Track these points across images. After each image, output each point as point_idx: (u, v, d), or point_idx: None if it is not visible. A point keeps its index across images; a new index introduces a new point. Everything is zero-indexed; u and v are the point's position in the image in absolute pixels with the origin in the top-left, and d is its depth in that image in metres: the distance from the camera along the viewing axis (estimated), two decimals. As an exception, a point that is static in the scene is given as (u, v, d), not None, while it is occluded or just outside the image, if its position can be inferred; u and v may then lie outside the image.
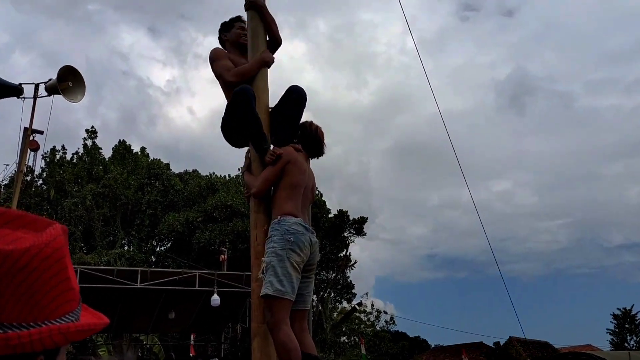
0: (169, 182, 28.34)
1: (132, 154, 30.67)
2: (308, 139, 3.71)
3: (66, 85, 8.10)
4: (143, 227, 27.13)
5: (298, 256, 3.24)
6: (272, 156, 3.43)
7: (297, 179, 3.46)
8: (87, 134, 29.98)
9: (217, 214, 24.22)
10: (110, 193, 26.38)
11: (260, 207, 3.51)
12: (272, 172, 3.43)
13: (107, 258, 22.61)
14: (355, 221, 25.30)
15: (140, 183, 28.28)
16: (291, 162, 3.46)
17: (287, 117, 3.71)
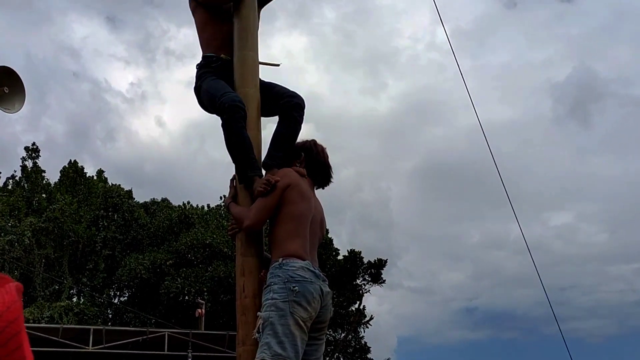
0: (131, 215, 28.39)
1: (85, 178, 30.82)
2: (314, 163, 3.76)
3: (1, 92, 8.14)
4: (97, 272, 27.08)
5: (304, 311, 3.23)
6: (265, 186, 3.43)
7: (301, 208, 3.46)
8: (27, 153, 30.16)
9: (193, 256, 24.20)
10: (56, 228, 26.40)
11: (249, 247, 3.50)
12: (269, 199, 3.44)
13: (50, 312, 22.51)
14: (371, 265, 25.22)
15: (94, 216, 28.33)
16: (292, 186, 3.47)
17: (282, 135, 3.77)
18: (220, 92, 3.66)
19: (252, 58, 3.90)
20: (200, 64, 4.00)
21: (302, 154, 3.76)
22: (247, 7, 3.97)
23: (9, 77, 8.37)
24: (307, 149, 3.79)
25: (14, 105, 8.30)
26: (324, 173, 3.80)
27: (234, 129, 3.56)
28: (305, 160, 3.75)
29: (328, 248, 24.66)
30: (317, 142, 3.85)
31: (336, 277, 24.08)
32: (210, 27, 4.03)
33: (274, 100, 3.85)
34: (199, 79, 3.93)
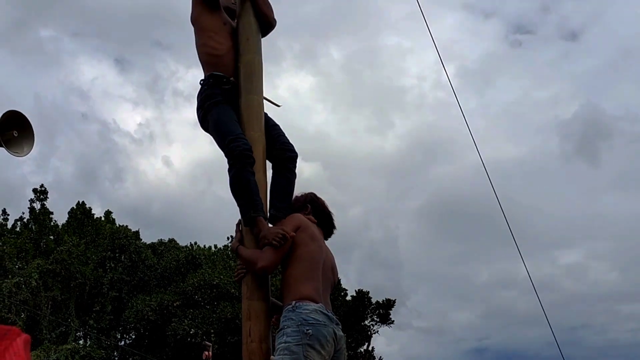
0: (138, 256, 28.33)
1: (92, 219, 30.85)
2: (320, 214, 3.84)
3: (10, 136, 8.21)
4: (104, 314, 26.93)
5: (318, 354, 3.22)
6: (281, 240, 3.41)
7: (312, 250, 3.47)
8: (35, 195, 30.28)
9: (200, 297, 24.06)
10: (63, 270, 26.35)
11: (255, 291, 3.49)
12: (282, 248, 3.46)
13: (56, 356, 22.35)
14: (379, 305, 25.04)
15: (101, 257, 28.29)
16: (302, 228, 3.50)
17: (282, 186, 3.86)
18: (231, 133, 3.68)
19: (258, 102, 3.94)
20: (209, 82, 3.95)
21: (309, 206, 3.84)
22: (252, 52, 4.02)
23: (18, 121, 8.46)
24: (311, 200, 3.88)
25: (23, 148, 8.36)
26: (329, 223, 3.88)
27: (240, 176, 3.60)
28: (312, 211, 3.83)
29: (336, 288, 24.50)
30: (317, 195, 3.94)
31: (344, 318, 23.88)
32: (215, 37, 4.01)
33: (269, 144, 3.91)
34: (210, 99, 3.89)
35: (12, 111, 8.45)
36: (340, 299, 24.61)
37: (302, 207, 3.83)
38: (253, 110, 3.90)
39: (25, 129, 8.36)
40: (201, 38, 4.07)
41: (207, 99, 3.91)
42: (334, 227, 3.90)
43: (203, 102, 3.94)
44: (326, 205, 3.92)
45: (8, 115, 8.36)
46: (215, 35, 4.02)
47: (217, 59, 3.98)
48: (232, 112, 3.84)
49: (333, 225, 3.90)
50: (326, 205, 3.92)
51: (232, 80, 3.95)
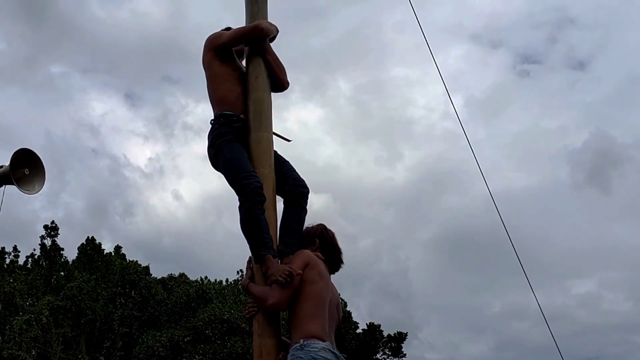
0: (148, 291, 28.28)
1: (102, 255, 30.87)
2: (328, 248, 3.82)
3: (21, 174, 8.27)
4: (114, 350, 26.79)
5: None
6: (287, 277, 3.40)
7: (319, 288, 3.47)
8: (46, 231, 30.37)
9: (210, 332, 23.92)
10: (74, 307, 26.31)
11: (266, 328, 3.49)
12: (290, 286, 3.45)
13: (66, 393, 22.17)
14: (391, 338, 24.82)
15: (111, 293, 28.25)
16: (311, 265, 3.50)
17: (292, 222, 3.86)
18: (243, 171, 3.73)
19: (267, 139, 3.98)
20: (220, 121, 4.01)
21: (317, 241, 3.82)
22: (260, 90, 4.07)
23: (29, 159, 8.53)
24: (320, 234, 3.85)
25: (34, 186, 8.42)
26: (337, 257, 3.86)
27: (251, 214, 3.62)
28: (320, 246, 3.81)
29: (347, 321, 24.31)
30: (326, 227, 3.92)
31: (355, 352, 23.67)
32: (225, 84, 4.10)
33: (280, 181, 3.94)
34: (220, 137, 3.94)
35: (24, 149, 8.52)
36: (351, 332, 24.41)
37: (311, 242, 3.81)
38: (263, 147, 3.93)
39: (37, 167, 8.42)
40: (211, 83, 4.15)
41: (218, 137, 3.95)
42: (342, 264, 3.89)
43: (214, 141, 3.97)
44: (335, 239, 3.90)
45: (19, 153, 8.43)
46: (225, 82, 4.11)
47: (227, 103, 4.05)
48: (242, 150, 3.88)
49: (340, 261, 3.88)
50: (335, 240, 3.90)
51: (242, 118, 4.00)
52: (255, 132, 3.97)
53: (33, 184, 8.41)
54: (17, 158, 8.36)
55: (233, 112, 4.01)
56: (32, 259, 29.90)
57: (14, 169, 8.26)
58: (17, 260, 29.59)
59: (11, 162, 8.30)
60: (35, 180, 8.44)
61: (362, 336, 24.68)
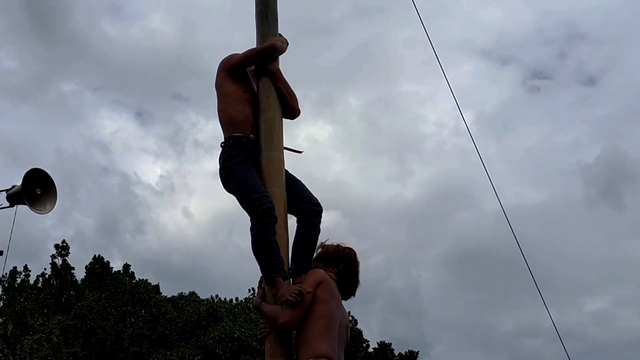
0: (158, 310, 28.23)
1: (111, 273, 30.88)
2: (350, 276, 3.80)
3: (33, 194, 8.34)
4: (125, 370, 26.74)
5: None
6: (297, 296, 3.40)
7: (331, 308, 3.45)
8: (57, 250, 30.45)
9: (221, 350, 23.85)
10: (84, 326, 26.31)
11: (278, 348, 3.48)
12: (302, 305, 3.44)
13: (77, 413, 22.11)
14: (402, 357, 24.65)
15: (121, 312, 28.23)
16: (324, 284, 3.48)
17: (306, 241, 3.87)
18: (255, 192, 3.73)
19: (278, 158, 3.99)
20: (230, 144, 4.02)
21: (342, 264, 3.79)
22: (272, 110, 4.09)
23: (41, 178, 8.61)
24: (348, 260, 3.82)
25: (46, 206, 8.49)
26: (353, 288, 3.85)
27: (263, 235, 3.62)
28: (342, 270, 3.78)
29: (357, 340, 24.18)
30: (356, 254, 3.89)
31: (367, 370, 23.53)
32: (235, 104, 4.10)
33: (293, 200, 3.94)
34: (231, 159, 3.95)
35: (35, 169, 8.60)
36: (362, 351, 24.26)
37: (336, 262, 3.78)
38: (274, 166, 3.94)
39: (48, 187, 8.50)
40: (221, 103, 4.17)
41: (229, 159, 3.96)
42: (353, 295, 3.88)
43: (225, 163, 3.99)
44: (359, 271, 3.88)
45: (31, 173, 8.51)
46: (234, 102, 4.11)
47: (236, 124, 4.06)
48: (254, 170, 3.90)
49: (353, 293, 3.87)
50: (359, 272, 3.88)
51: (252, 138, 4.01)
52: (266, 151, 3.98)
53: (45, 204, 8.48)
54: (29, 178, 8.44)
55: (243, 133, 4.01)
56: (42, 278, 29.97)
57: (26, 189, 8.33)
58: (28, 280, 29.66)
59: (23, 182, 8.38)
60: (47, 200, 8.51)
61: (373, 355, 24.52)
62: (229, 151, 4.00)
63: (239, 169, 3.90)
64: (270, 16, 4.34)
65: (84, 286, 29.64)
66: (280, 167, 3.99)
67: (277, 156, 3.99)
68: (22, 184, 8.36)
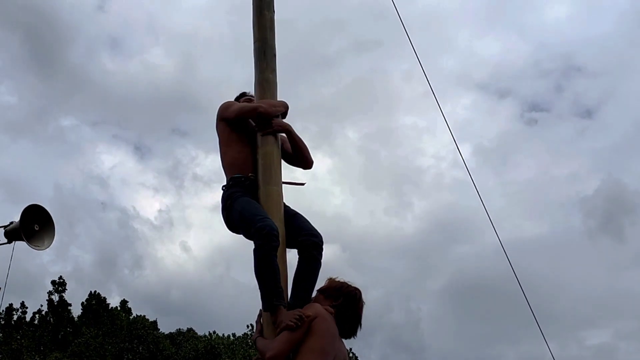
0: (156, 346, 27.98)
1: (108, 310, 30.66)
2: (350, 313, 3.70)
3: (31, 230, 8.33)
4: (122, 408, 26.40)
5: None
6: (297, 321, 3.39)
7: (324, 343, 3.40)
8: (53, 287, 30.28)
9: (219, 388, 23.57)
10: (81, 363, 26.02)
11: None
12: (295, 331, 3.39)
13: None
14: (403, 392, 24.31)
15: (118, 348, 27.96)
16: (320, 318, 3.44)
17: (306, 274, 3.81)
18: (257, 216, 3.74)
19: (277, 192, 3.99)
20: (229, 185, 4.09)
21: (342, 298, 3.71)
22: (270, 144, 4.11)
23: (39, 214, 8.61)
24: (349, 296, 3.74)
25: (44, 242, 8.47)
26: (353, 327, 3.75)
27: (267, 258, 3.60)
28: (341, 304, 3.69)
29: (358, 375, 23.89)
30: (361, 295, 3.81)
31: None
32: (235, 147, 4.18)
33: (293, 233, 3.92)
34: (229, 199, 4.00)
35: (34, 205, 8.60)
36: (362, 387, 23.99)
37: (335, 297, 3.71)
38: (272, 200, 3.94)
39: (47, 223, 8.49)
40: (222, 147, 4.26)
41: (228, 199, 4.04)
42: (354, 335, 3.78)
43: (225, 203, 4.06)
44: (362, 309, 3.79)
45: (29, 209, 8.51)
46: (234, 145, 4.20)
47: (236, 166, 4.14)
48: (255, 202, 3.93)
49: (354, 332, 3.77)
50: (361, 310, 3.79)
51: (251, 177, 4.06)
52: (264, 185, 3.99)
53: (43, 240, 8.47)
54: (27, 214, 8.44)
55: (242, 173, 4.08)
56: (39, 315, 29.74)
57: (24, 225, 8.32)
58: (24, 317, 29.42)
59: (21, 219, 8.37)
60: (45, 236, 8.50)
61: (373, 390, 24.23)
62: (228, 191, 4.07)
63: (238, 202, 3.93)
64: (268, 52, 4.39)
65: (80, 323, 29.39)
66: (279, 201, 3.99)
67: (276, 190, 3.99)
68: (20, 220, 8.35)
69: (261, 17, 4.49)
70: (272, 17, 4.54)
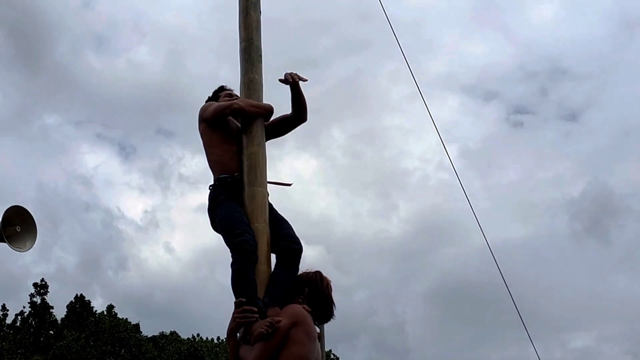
0: (138, 349, 27.80)
1: (92, 313, 30.42)
2: (319, 299, 3.66)
3: (13, 231, 8.26)
4: (103, 411, 26.19)
5: None
6: (268, 328, 3.34)
7: (307, 350, 3.36)
8: (35, 289, 29.99)
9: (202, 391, 23.47)
10: (62, 366, 25.80)
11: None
12: (273, 340, 3.34)
13: None
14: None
15: (100, 351, 27.74)
16: (298, 324, 3.38)
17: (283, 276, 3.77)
18: (236, 229, 3.74)
19: (262, 194, 3.98)
20: (215, 185, 4.11)
21: (306, 289, 3.67)
22: (255, 145, 4.09)
23: (21, 216, 8.54)
24: (312, 283, 3.70)
25: (26, 244, 8.40)
26: (327, 310, 3.70)
27: (243, 273, 3.63)
28: (308, 294, 3.65)
29: (341, 379, 23.88)
30: (322, 276, 3.76)
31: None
32: (219, 147, 4.19)
33: (277, 238, 3.92)
34: (214, 200, 4.04)
35: (16, 206, 8.52)
36: (346, 390, 23.97)
37: (300, 290, 3.67)
38: (257, 202, 3.93)
39: (28, 224, 8.42)
40: (207, 149, 4.27)
41: (212, 201, 4.07)
42: (330, 317, 3.74)
43: (210, 205, 4.09)
44: (329, 289, 3.73)
45: (11, 211, 8.43)
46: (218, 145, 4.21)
47: (222, 165, 4.15)
48: (236, 206, 3.93)
49: (329, 315, 3.73)
50: (329, 290, 3.72)
51: (236, 176, 4.06)
52: (249, 187, 3.97)
53: (24, 241, 8.40)
54: (9, 215, 8.36)
55: (228, 173, 4.09)
56: (21, 317, 29.45)
57: (5, 227, 8.25)
58: (5, 320, 29.12)
59: (2, 220, 8.29)
60: (27, 238, 8.43)
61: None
62: (213, 192, 4.10)
63: (221, 207, 3.95)
64: (254, 53, 4.37)
65: (63, 325, 29.14)
66: (264, 202, 3.98)
67: (261, 191, 3.98)
68: (1, 222, 8.28)
69: (247, 18, 4.47)
70: (259, 17, 4.53)
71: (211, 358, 25.87)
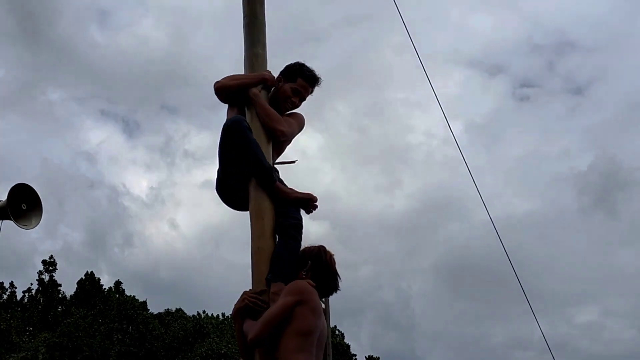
0: (145, 326, 27.96)
1: (101, 290, 30.58)
2: (323, 271, 3.62)
3: (19, 209, 8.24)
4: (111, 387, 26.40)
5: None
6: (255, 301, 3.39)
7: (311, 325, 3.33)
8: (44, 266, 30.15)
9: (208, 367, 23.61)
10: (70, 343, 25.97)
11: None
12: (277, 314, 3.32)
13: None
14: (390, 371, 24.46)
15: (108, 329, 27.93)
16: (304, 301, 3.35)
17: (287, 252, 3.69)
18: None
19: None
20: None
21: (309, 262, 3.63)
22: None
23: (27, 193, 8.51)
24: (314, 256, 3.66)
25: (31, 221, 8.39)
26: (331, 283, 3.66)
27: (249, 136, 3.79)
28: (312, 267, 3.61)
29: (345, 355, 23.99)
30: (325, 249, 3.71)
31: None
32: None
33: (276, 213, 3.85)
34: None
35: (21, 184, 8.50)
36: (350, 366, 24.10)
37: (303, 264, 3.63)
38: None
39: (34, 202, 8.40)
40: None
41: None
42: (335, 290, 3.71)
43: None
44: (332, 262, 3.69)
45: (17, 189, 8.41)
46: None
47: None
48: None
49: (334, 288, 3.70)
50: (332, 263, 3.69)
51: None
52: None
53: (30, 219, 8.39)
54: (15, 193, 8.34)
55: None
56: (29, 295, 29.62)
57: (11, 204, 8.23)
58: (14, 296, 29.31)
59: (8, 198, 8.27)
60: (33, 215, 8.42)
61: (360, 370, 24.36)
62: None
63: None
64: (258, 27, 4.32)
65: (71, 303, 29.30)
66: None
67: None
68: (7, 200, 8.26)
69: (251, -8, 4.40)
70: (262, -8, 4.45)
71: (216, 334, 26.00)
